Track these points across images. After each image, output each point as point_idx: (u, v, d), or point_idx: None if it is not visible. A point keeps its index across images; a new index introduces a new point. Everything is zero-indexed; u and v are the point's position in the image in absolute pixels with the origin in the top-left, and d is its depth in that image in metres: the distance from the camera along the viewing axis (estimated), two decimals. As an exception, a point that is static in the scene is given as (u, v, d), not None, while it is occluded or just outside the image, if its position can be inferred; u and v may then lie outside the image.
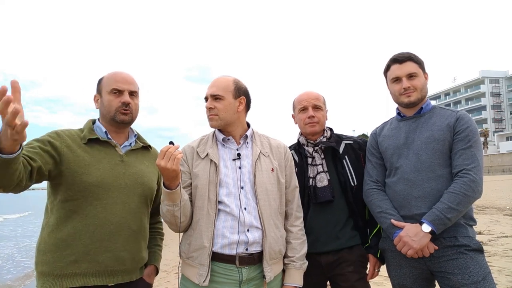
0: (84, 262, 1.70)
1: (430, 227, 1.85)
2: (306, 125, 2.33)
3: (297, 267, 1.97)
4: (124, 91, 1.90)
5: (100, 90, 1.93)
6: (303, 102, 2.35)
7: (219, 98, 1.93)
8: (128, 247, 1.81)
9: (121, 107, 1.88)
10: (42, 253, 1.73)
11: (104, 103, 1.90)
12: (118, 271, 1.78)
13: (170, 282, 5.93)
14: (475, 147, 1.93)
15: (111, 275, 1.76)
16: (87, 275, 1.71)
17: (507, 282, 4.48)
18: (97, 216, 1.74)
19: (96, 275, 1.72)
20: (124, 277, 1.81)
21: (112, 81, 1.90)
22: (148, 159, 2.03)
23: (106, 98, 1.89)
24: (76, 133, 1.87)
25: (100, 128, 1.92)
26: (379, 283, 4.42)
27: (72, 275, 1.69)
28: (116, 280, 1.77)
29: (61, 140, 1.78)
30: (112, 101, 1.88)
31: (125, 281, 1.81)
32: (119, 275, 1.79)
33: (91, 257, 1.71)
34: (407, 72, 2.08)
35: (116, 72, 1.94)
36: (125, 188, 1.83)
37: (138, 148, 2.00)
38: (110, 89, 1.89)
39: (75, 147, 1.79)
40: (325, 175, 2.26)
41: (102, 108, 1.92)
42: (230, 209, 1.85)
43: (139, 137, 2.06)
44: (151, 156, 2.06)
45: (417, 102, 2.10)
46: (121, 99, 1.89)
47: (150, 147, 2.09)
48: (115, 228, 1.77)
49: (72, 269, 1.69)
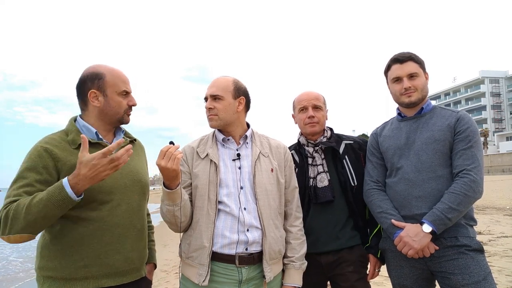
0: (95, 266, 1.69)
1: (430, 227, 1.85)
2: (306, 125, 2.33)
3: (296, 267, 1.97)
4: (130, 92, 1.91)
5: (104, 89, 1.83)
6: (303, 102, 2.35)
7: (218, 98, 1.93)
8: (136, 246, 1.82)
9: (129, 109, 1.90)
10: (47, 259, 1.70)
11: (112, 103, 1.84)
12: (128, 271, 1.79)
13: (170, 282, 5.93)
14: (476, 148, 1.93)
15: (122, 275, 1.77)
16: (99, 277, 1.70)
17: (507, 282, 4.48)
18: (103, 220, 1.72)
19: (107, 277, 1.72)
20: (134, 275, 1.83)
21: (119, 82, 1.87)
22: (136, 152, 2.00)
23: (115, 99, 1.85)
24: (61, 138, 1.77)
25: (87, 127, 1.82)
26: (379, 283, 4.43)
27: (83, 278, 1.68)
28: (127, 279, 1.79)
29: (53, 157, 1.68)
30: (121, 102, 1.86)
31: (136, 279, 1.83)
32: (130, 274, 1.80)
33: (102, 260, 1.71)
34: (408, 72, 2.08)
35: (116, 70, 1.90)
36: (126, 189, 1.82)
37: (126, 144, 1.91)
38: (120, 90, 1.85)
39: (67, 157, 1.71)
40: (326, 175, 2.26)
41: (107, 108, 1.84)
42: (230, 209, 1.85)
43: (126, 132, 2.04)
44: (137, 149, 2.04)
45: (418, 102, 2.09)
46: (129, 102, 1.89)
47: (135, 140, 2.08)
48: (123, 230, 1.77)
49: (82, 273, 1.68)
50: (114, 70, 1.89)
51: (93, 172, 1.51)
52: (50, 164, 1.66)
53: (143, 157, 2.07)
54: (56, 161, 1.68)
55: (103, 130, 1.87)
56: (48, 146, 1.70)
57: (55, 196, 1.51)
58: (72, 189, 1.51)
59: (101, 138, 1.84)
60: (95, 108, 1.84)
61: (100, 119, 1.86)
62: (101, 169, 1.52)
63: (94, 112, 1.84)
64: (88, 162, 1.50)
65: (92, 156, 1.51)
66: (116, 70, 1.90)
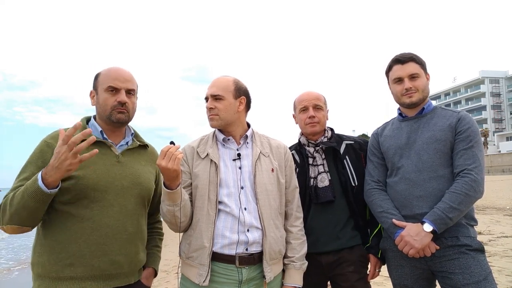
0: (80, 266, 1.66)
1: (431, 226, 1.85)
2: (307, 125, 2.33)
3: (296, 267, 1.97)
4: (120, 89, 1.82)
5: (96, 87, 1.85)
6: (304, 102, 2.35)
7: (219, 98, 1.92)
8: (124, 250, 1.76)
9: (117, 106, 1.81)
10: (38, 254, 1.70)
11: (100, 101, 1.83)
12: (115, 275, 1.74)
13: (170, 282, 5.93)
14: (476, 147, 1.93)
15: (108, 279, 1.72)
16: (84, 279, 1.67)
17: (507, 282, 4.48)
18: (93, 219, 1.70)
19: (92, 279, 1.68)
20: (122, 281, 1.77)
21: (108, 78, 1.82)
22: (145, 158, 1.98)
23: (102, 96, 1.82)
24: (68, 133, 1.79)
25: (95, 126, 1.84)
26: (380, 283, 4.42)
27: (68, 279, 1.66)
28: (114, 284, 1.74)
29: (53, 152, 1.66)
30: (107, 99, 1.81)
31: (123, 284, 1.78)
32: (117, 279, 1.75)
33: (86, 260, 1.67)
34: (409, 72, 2.08)
35: (113, 68, 1.87)
36: (122, 190, 1.79)
37: (135, 147, 1.94)
38: (106, 86, 1.81)
39: None
40: (326, 175, 2.26)
41: (98, 106, 1.85)
42: (230, 209, 1.85)
43: (136, 135, 2.00)
44: (148, 155, 2.01)
45: (419, 103, 2.10)
46: (117, 98, 1.81)
47: (148, 146, 2.03)
48: (112, 231, 1.73)
49: (68, 273, 1.66)
50: (110, 69, 1.86)
51: (57, 161, 1.49)
52: (49, 158, 1.65)
53: (152, 164, 1.99)
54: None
55: (107, 130, 1.86)
56: (51, 141, 1.74)
57: (30, 187, 1.53)
58: (43, 180, 1.52)
59: (106, 137, 1.84)
60: (95, 108, 1.88)
61: (100, 119, 1.88)
62: (62, 157, 1.48)
63: (96, 112, 1.89)
64: (54, 152, 1.50)
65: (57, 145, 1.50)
66: (114, 68, 1.87)
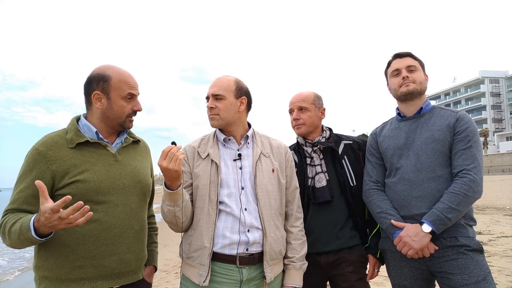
0: (90, 267, 1.69)
1: (430, 227, 1.86)
2: (294, 127, 2.39)
3: (297, 268, 1.98)
4: (137, 95, 1.87)
5: (108, 91, 1.80)
6: (290, 105, 2.41)
7: (220, 97, 1.93)
8: (132, 248, 1.80)
9: (132, 114, 1.85)
10: (44, 258, 1.70)
11: (114, 107, 1.81)
12: (124, 273, 1.78)
13: (170, 282, 5.93)
14: (475, 148, 1.94)
15: (118, 277, 1.76)
16: (94, 279, 1.70)
17: (507, 282, 4.48)
18: (99, 220, 1.71)
19: (102, 279, 1.72)
20: (131, 278, 1.81)
21: (126, 86, 1.82)
22: (139, 153, 1.99)
23: (118, 103, 1.81)
24: (59, 137, 1.77)
25: (88, 127, 1.81)
26: (379, 283, 4.43)
27: (78, 280, 1.68)
28: (123, 281, 1.77)
29: (47, 160, 1.69)
30: (125, 107, 1.82)
31: (132, 281, 1.82)
32: (126, 277, 1.79)
33: (97, 261, 1.70)
34: (406, 64, 2.14)
35: (125, 72, 1.86)
36: (124, 189, 1.80)
37: (128, 144, 1.94)
38: (125, 94, 1.81)
39: (63, 157, 1.71)
40: (324, 176, 2.27)
41: (110, 111, 1.81)
42: (230, 210, 1.85)
43: (129, 132, 1.99)
44: (141, 149, 2.02)
45: (415, 94, 2.11)
46: (133, 107, 1.85)
47: (139, 141, 2.04)
48: (119, 231, 1.76)
49: (77, 274, 1.68)
50: (122, 73, 1.84)
51: (49, 222, 1.47)
52: (43, 168, 1.68)
53: (147, 158, 2.03)
54: (51, 163, 1.69)
55: (105, 131, 1.85)
56: (42, 149, 1.72)
57: (24, 233, 1.54)
58: (36, 230, 1.52)
59: (102, 138, 1.82)
60: (97, 110, 1.82)
61: (102, 121, 1.84)
62: (55, 223, 1.46)
63: (97, 113, 1.83)
64: (44, 213, 1.45)
65: (45, 208, 1.44)
66: (125, 73, 1.85)
